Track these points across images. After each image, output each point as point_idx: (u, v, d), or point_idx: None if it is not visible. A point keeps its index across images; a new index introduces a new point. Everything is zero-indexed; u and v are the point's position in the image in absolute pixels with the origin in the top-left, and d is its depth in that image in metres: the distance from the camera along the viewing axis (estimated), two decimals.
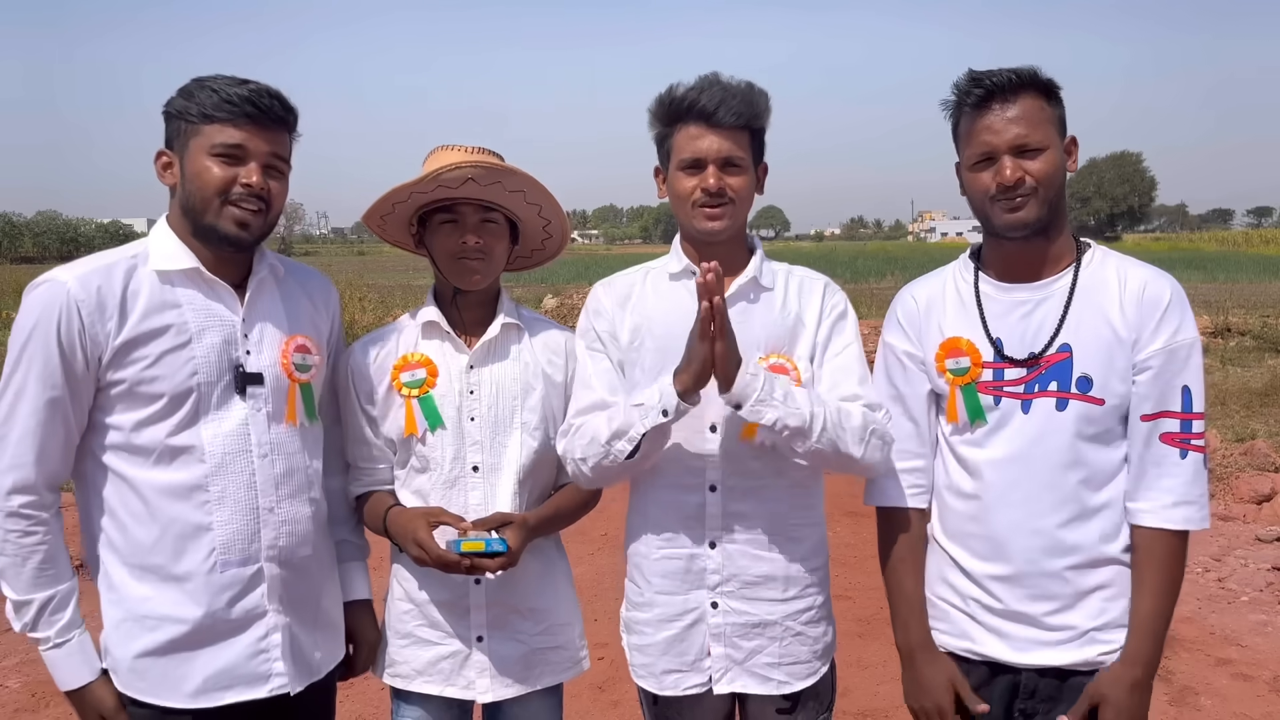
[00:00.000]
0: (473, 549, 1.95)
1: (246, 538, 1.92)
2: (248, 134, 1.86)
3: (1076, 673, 1.92)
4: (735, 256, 2.09)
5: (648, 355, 2.07)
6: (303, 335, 2.04)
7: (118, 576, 1.91)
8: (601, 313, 2.14)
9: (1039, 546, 1.91)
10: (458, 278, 2.12)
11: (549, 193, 2.13)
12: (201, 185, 1.86)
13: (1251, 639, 4.55)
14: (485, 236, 2.10)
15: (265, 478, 1.94)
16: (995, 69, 1.89)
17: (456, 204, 2.09)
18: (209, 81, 1.87)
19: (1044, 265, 1.95)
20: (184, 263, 1.90)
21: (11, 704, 4.02)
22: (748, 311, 2.05)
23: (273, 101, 1.89)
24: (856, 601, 4.77)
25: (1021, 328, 1.94)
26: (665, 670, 2.09)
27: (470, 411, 2.13)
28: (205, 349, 1.88)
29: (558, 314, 16.07)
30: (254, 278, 1.98)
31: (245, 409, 1.92)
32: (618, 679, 4.15)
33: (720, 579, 2.06)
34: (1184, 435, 1.86)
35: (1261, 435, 8.13)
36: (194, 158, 1.86)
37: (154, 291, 1.87)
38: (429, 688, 2.16)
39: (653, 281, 2.15)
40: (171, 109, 1.90)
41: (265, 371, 1.95)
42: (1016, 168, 1.86)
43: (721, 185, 1.98)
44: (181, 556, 1.88)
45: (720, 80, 2.00)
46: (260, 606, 1.94)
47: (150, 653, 1.89)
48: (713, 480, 2.04)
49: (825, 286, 2.12)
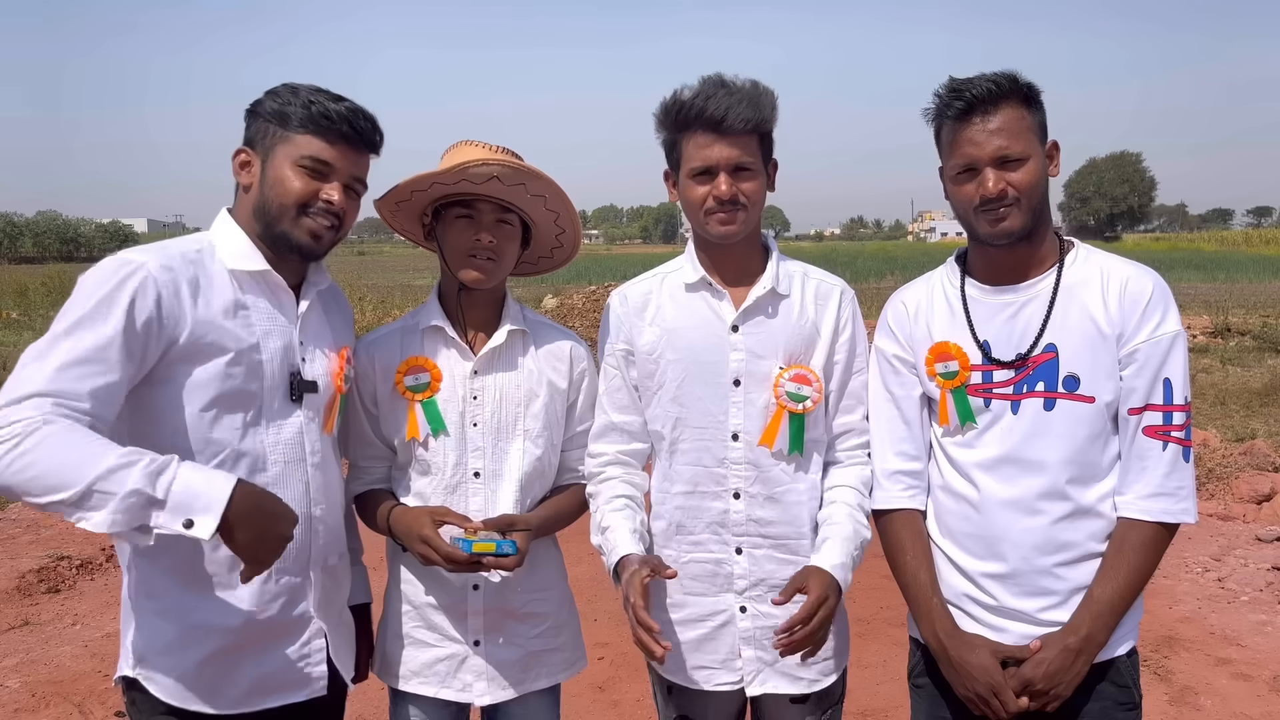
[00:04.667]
0: (484, 550, 1.95)
1: (301, 547, 1.90)
2: (338, 152, 1.86)
3: None
4: (750, 259, 2.11)
5: (669, 370, 2.09)
6: (347, 346, 2.06)
7: (161, 584, 1.84)
8: (619, 327, 2.16)
9: (1032, 544, 1.92)
10: (465, 274, 2.10)
11: (570, 202, 2.11)
12: (282, 193, 1.85)
13: (1251, 639, 4.54)
14: (498, 236, 2.08)
15: (316, 486, 1.94)
16: (976, 78, 1.89)
17: (475, 200, 2.07)
18: (305, 91, 1.86)
19: (1028, 267, 1.97)
20: (255, 264, 1.88)
21: (11, 704, 4.02)
22: (766, 325, 2.07)
23: (367, 124, 1.89)
24: (857, 601, 4.77)
25: (1008, 329, 1.95)
26: (696, 666, 2.12)
27: (473, 417, 2.12)
28: (270, 354, 1.87)
29: (558, 314, 16.10)
30: (312, 288, 1.99)
31: (301, 417, 1.92)
32: (618, 679, 4.16)
33: (748, 584, 2.08)
34: (1165, 427, 1.87)
35: (1261, 435, 8.13)
36: (279, 164, 1.85)
37: (226, 290, 1.84)
38: (425, 689, 2.16)
39: (669, 291, 2.15)
40: (261, 110, 1.88)
41: (319, 380, 1.95)
42: (999, 179, 1.87)
43: (734, 192, 1.98)
44: (237, 566, 1.77)
45: (725, 83, 1.98)
46: (307, 612, 1.94)
47: (199, 662, 1.84)
48: (736, 487, 2.07)
49: (841, 295, 2.14)
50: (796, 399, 2.03)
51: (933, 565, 2.06)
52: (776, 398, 2.04)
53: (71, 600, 5.21)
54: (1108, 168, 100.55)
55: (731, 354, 2.06)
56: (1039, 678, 1.88)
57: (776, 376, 2.04)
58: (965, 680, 1.96)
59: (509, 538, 1.98)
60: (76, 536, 5.85)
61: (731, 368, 2.06)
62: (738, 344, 2.06)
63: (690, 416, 2.08)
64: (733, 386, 2.06)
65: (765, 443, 2.03)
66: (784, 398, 2.03)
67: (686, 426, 2.09)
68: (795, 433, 2.04)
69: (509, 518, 2.05)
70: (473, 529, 1.99)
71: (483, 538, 1.96)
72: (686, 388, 2.08)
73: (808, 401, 2.04)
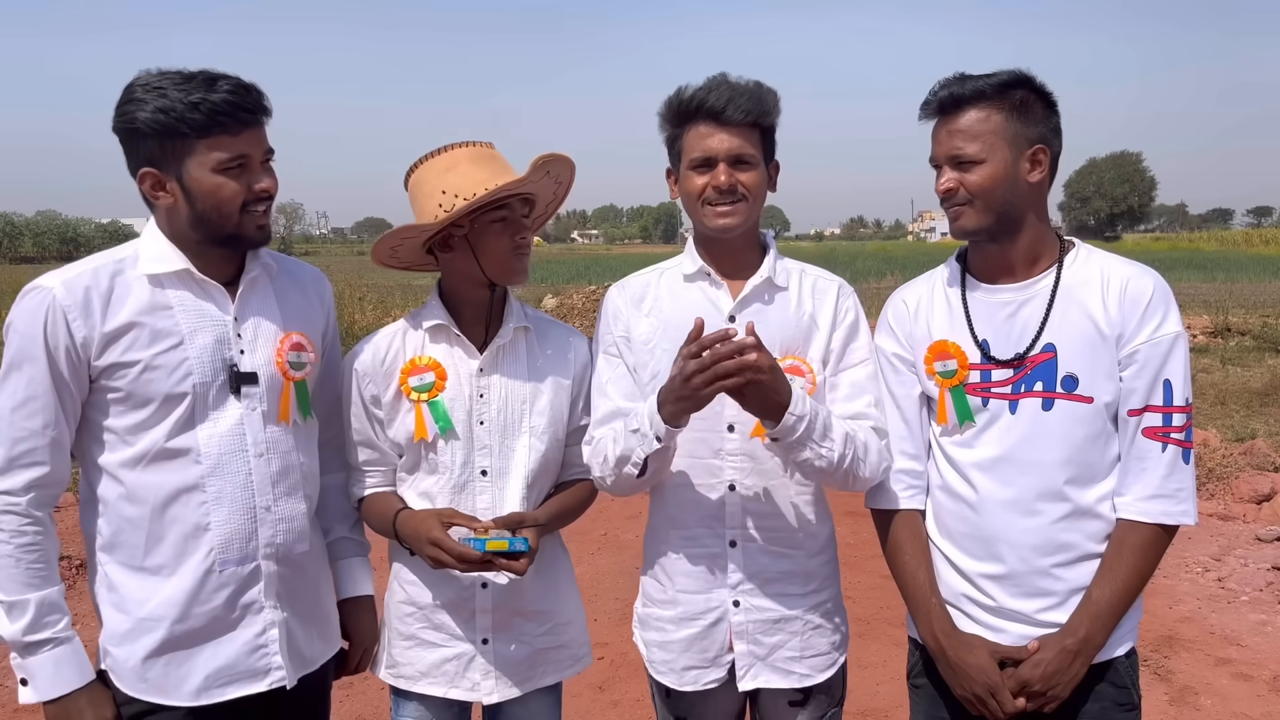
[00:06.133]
0: (497, 548, 1.95)
1: (244, 537, 1.92)
2: (246, 138, 1.83)
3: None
4: (748, 255, 2.10)
5: (663, 360, 2.04)
6: (297, 333, 2.02)
7: (117, 578, 1.91)
8: (618, 315, 2.14)
9: (1030, 545, 1.92)
10: (512, 275, 2.10)
11: (573, 166, 2.12)
12: (219, 202, 1.83)
13: (1251, 639, 4.55)
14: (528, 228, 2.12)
15: (261, 477, 1.93)
16: (957, 78, 1.93)
17: (508, 201, 2.06)
18: (172, 90, 1.76)
19: (1021, 265, 1.97)
20: (174, 264, 1.88)
21: (11, 704, 4.02)
22: (762, 313, 2.05)
23: (254, 98, 1.84)
24: (857, 601, 4.76)
25: (1007, 329, 1.96)
26: (686, 667, 2.11)
27: (480, 415, 2.11)
28: (198, 350, 1.87)
29: (557, 313, 16.11)
30: (246, 275, 1.97)
31: (240, 409, 1.91)
32: (618, 679, 4.16)
33: (741, 577, 2.07)
34: (1165, 429, 1.87)
35: (1261, 435, 8.12)
36: (198, 176, 1.81)
37: (143, 294, 1.85)
38: (433, 689, 2.15)
39: (667, 282, 2.15)
40: (141, 126, 1.78)
41: (259, 370, 1.93)
42: (950, 179, 1.91)
43: (733, 181, 1.98)
44: (180, 557, 1.88)
45: (728, 80, 2.00)
46: (258, 603, 1.95)
47: (154, 653, 1.89)
48: (731, 479, 2.05)
49: (839, 289, 2.12)
50: None
51: (931, 565, 2.06)
52: None
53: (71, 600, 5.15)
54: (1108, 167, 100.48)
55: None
56: (1037, 679, 1.88)
57: None
58: (963, 680, 1.96)
59: (520, 535, 1.98)
60: (77, 537, 5.83)
61: None
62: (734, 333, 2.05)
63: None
64: None
65: (758, 434, 2.00)
66: None
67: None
68: None
69: (517, 515, 2.05)
70: (482, 528, 1.99)
71: (494, 536, 1.96)
72: None
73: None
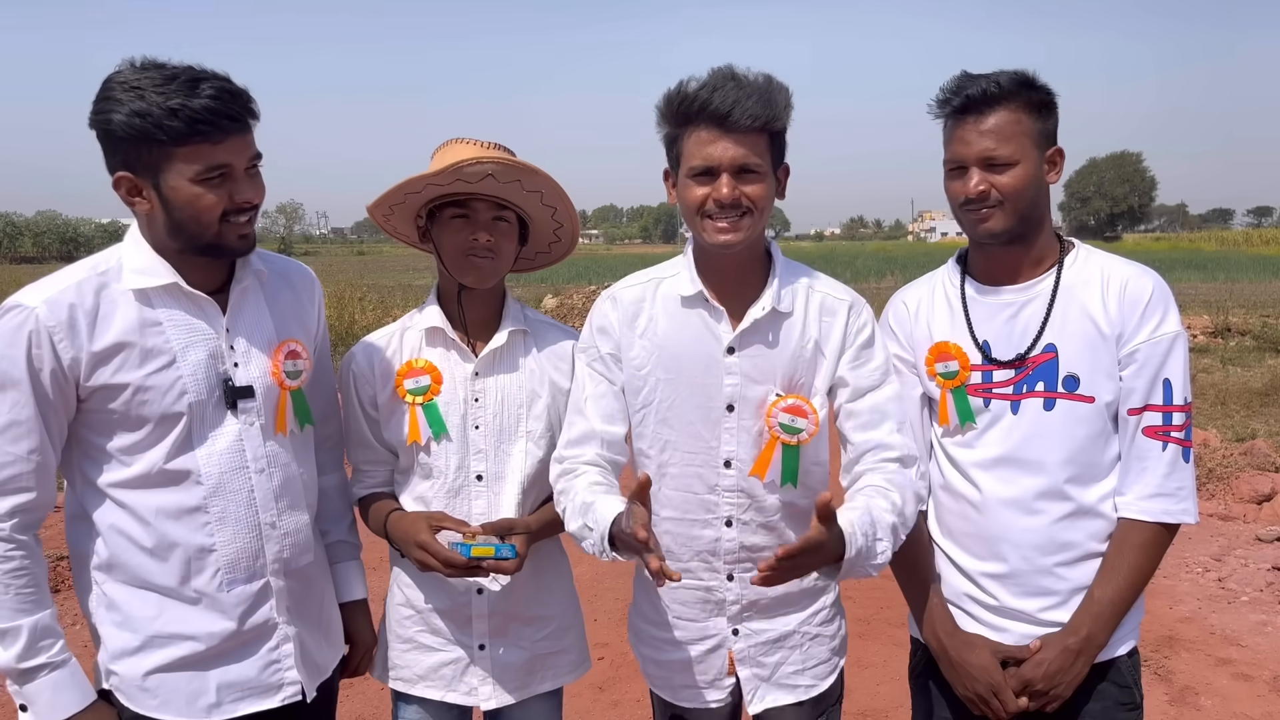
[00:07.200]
0: (482, 554, 1.93)
1: (251, 555, 1.87)
2: (229, 146, 1.71)
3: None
4: (751, 271, 1.96)
5: (658, 390, 1.96)
6: (292, 339, 1.96)
7: (119, 595, 1.84)
8: (608, 331, 2.01)
9: (1032, 545, 1.92)
10: (464, 274, 2.06)
11: (566, 195, 2.06)
12: (198, 211, 1.73)
13: (1251, 639, 4.54)
14: (496, 235, 2.04)
15: (264, 493, 1.88)
16: (982, 76, 1.89)
17: (470, 199, 2.02)
18: (150, 90, 1.65)
19: (1026, 268, 1.97)
20: (161, 278, 1.78)
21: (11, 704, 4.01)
22: (764, 348, 1.93)
23: (238, 103, 1.71)
24: (857, 601, 4.77)
25: (1008, 330, 1.95)
26: (683, 685, 2.07)
27: (475, 419, 2.09)
28: (191, 367, 1.79)
29: (557, 314, 16.09)
30: (236, 285, 1.88)
31: (238, 424, 1.85)
32: (618, 679, 4.16)
33: (740, 608, 2.01)
34: (1165, 428, 1.87)
35: (1261, 435, 8.12)
36: (176, 185, 1.71)
37: (130, 311, 1.76)
38: (431, 693, 2.15)
39: (663, 301, 1.99)
40: (116, 129, 1.67)
41: (255, 383, 1.87)
42: (983, 180, 1.88)
43: (736, 195, 1.81)
44: (188, 578, 1.83)
45: (735, 76, 1.81)
46: (271, 620, 1.91)
47: (163, 669, 1.83)
48: (728, 515, 1.96)
49: (849, 310, 1.97)
50: (790, 431, 1.90)
51: (933, 566, 2.05)
52: (769, 427, 1.90)
53: (71, 601, 5.16)
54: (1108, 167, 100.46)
55: (726, 378, 1.92)
56: (1039, 678, 1.88)
57: (770, 405, 1.90)
58: (965, 680, 1.96)
59: (508, 541, 1.97)
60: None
61: (725, 392, 1.92)
62: (733, 367, 1.92)
63: (679, 440, 1.96)
64: (726, 411, 1.93)
65: (757, 473, 1.92)
66: (776, 429, 1.90)
67: (675, 450, 1.97)
68: (789, 464, 1.91)
69: (507, 522, 2.03)
70: (471, 533, 1.98)
71: (481, 542, 1.95)
72: (676, 410, 1.95)
73: (803, 434, 1.90)
